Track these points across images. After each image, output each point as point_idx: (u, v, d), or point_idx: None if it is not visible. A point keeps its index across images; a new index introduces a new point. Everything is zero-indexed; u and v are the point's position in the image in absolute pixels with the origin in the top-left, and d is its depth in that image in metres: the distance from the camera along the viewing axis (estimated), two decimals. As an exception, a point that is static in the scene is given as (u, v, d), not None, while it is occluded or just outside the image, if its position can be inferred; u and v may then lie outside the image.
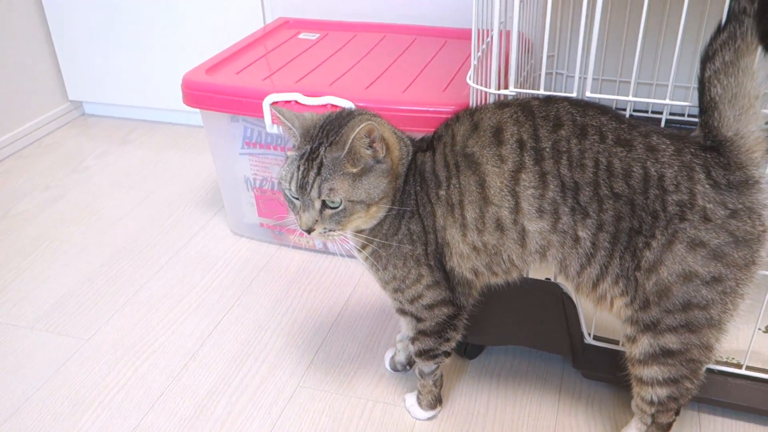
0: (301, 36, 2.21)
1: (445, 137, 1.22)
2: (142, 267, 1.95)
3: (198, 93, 1.83)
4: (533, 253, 1.17)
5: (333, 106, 1.68)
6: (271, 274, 1.91)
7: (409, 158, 1.23)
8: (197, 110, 1.92)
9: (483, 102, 1.33)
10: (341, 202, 1.15)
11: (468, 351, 1.57)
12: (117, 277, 1.91)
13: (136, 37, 2.66)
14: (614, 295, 1.16)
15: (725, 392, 1.38)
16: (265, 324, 1.71)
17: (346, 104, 1.66)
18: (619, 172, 1.07)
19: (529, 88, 1.54)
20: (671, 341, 1.13)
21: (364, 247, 1.27)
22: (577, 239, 1.13)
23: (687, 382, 1.18)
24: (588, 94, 1.19)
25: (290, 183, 1.17)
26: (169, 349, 1.64)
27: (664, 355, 1.15)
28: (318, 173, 1.14)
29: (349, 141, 1.12)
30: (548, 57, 1.97)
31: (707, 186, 1.04)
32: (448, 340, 1.33)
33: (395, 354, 1.55)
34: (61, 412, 1.47)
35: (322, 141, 1.15)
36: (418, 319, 1.31)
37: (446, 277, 1.26)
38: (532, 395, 1.49)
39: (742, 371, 1.37)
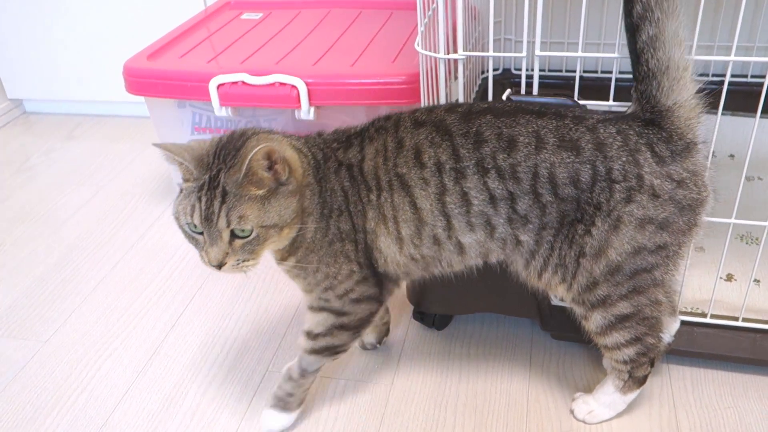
0: (243, 16, 2.17)
1: (376, 142, 1.16)
2: (97, 263, 1.90)
3: (141, 80, 1.79)
4: (475, 258, 1.18)
5: (281, 84, 1.65)
6: (232, 261, 1.87)
7: (318, 164, 1.16)
8: (143, 100, 1.87)
9: (434, 69, 1.31)
10: (253, 230, 1.06)
11: (437, 322, 1.56)
12: (72, 275, 1.85)
13: (74, 29, 2.57)
14: (555, 283, 1.17)
15: (692, 342, 1.40)
16: (228, 312, 1.68)
17: (295, 81, 1.63)
18: (566, 180, 1.06)
19: (480, 51, 1.53)
20: (623, 307, 1.15)
21: (285, 257, 1.19)
22: (518, 242, 1.13)
23: (649, 338, 1.20)
24: (538, 52, 1.18)
25: (192, 216, 1.06)
26: (132, 344, 1.60)
27: (619, 321, 1.17)
28: (223, 201, 1.04)
29: (246, 163, 1.02)
30: (497, 23, 1.97)
31: (653, 164, 1.05)
32: (359, 336, 1.29)
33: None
34: (23, 417, 1.42)
35: (221, 167, 1.06)
36: (341, 314, 1.24)
37: (374, 274, 1.22)
38: (503, 361, 1.49)
39: (707, 320, 1.39)
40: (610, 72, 1.34)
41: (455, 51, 1.26)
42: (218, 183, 1.05)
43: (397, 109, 1.64)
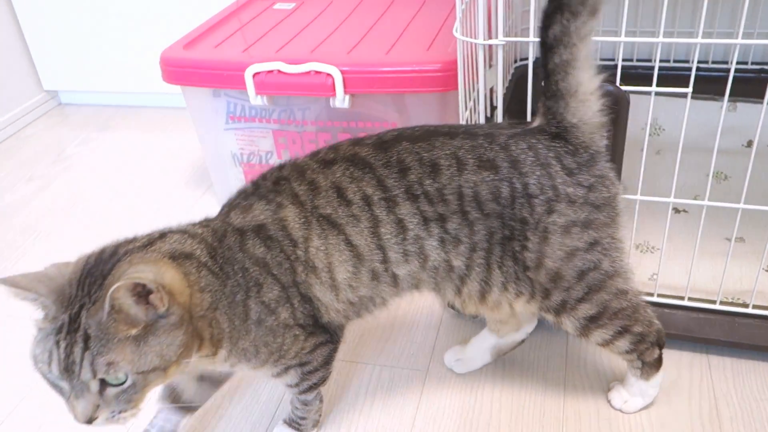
0: (276, 6, 2.17)
1: (283, 193, 1.09)
2: (134, 251, 1.92)
3: (177, 69, 1.80)
4: (406, 290, 1.17)
5: (316, 72, 1.65)
6: (266, 249, 1.88)
7: (213, 252, 1.04)
8: (178, 92, 1.88)
9: (472, 55, 1.31)
10: (127, 377, 0.89)
11: (471, 310, 1.56)
12: (110, 263, 1.88)
13: (109, 21, 2.60)
14: (510, 300, 1.16)
15: (732, 332, 1.38)
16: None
17: (330, 69, 1.64)
18: (488, 197, 1.08)
19: (517, 36, 1.52)
20: (587, 309, 1.15)
21: (214, 355, 1.04)
22: (451, 268, 1.12)
23: (635, 328, 1.19)
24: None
25: (50, 365, 0.89)
26: (170, 330, 1.62)
27: (590, 321, 1.16)
28: (86, 347, 0.87)
29: (107, 302, 0.86)
30: (524, 12, 1.95)
31: (564, 175, 1.08)
32: (331, 363, 1.25)
33: None
34: (65, 401, 1.45)
35: (84, 302, 0.89)
36: (304, 364, 1.19)
37: (319, 325, 1.16)
38: (539, 349, 1.48)
39: (749, 310, 1.37)
40: (647, 60, 1.32)
41: (493, 37, 1.25)
42: (79, 324, 0.88)
43: (428, 97, 1.64)
